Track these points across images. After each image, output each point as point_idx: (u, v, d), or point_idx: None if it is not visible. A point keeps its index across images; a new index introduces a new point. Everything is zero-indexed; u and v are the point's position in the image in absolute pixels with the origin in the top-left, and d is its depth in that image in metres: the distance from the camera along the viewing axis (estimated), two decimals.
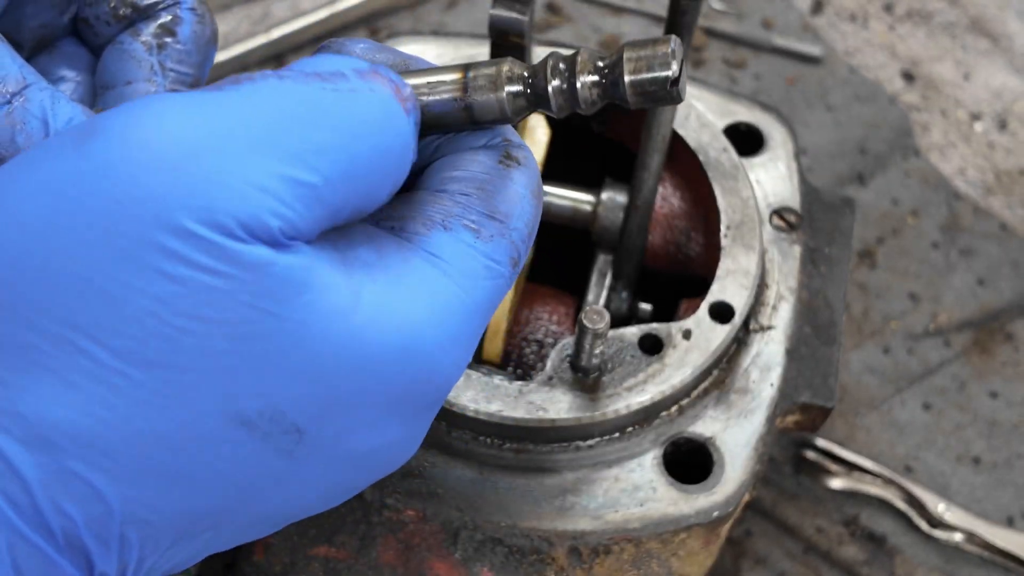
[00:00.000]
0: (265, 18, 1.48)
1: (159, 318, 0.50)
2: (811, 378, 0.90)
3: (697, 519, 0.82)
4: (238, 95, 0.52)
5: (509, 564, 0.82)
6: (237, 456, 0.53)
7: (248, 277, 0.50)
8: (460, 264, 0.57)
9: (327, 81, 0.54)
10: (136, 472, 0.51)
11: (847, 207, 1.00)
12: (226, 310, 0.50)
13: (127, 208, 0.49)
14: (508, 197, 0.60)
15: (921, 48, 1.51)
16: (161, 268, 0.49)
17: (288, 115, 0.52)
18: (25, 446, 0.50)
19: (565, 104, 0.60)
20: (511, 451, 0.84)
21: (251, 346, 0.51)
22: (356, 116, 0.54)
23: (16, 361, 0.50)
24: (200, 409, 0.51)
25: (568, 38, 1.46)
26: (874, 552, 1.14)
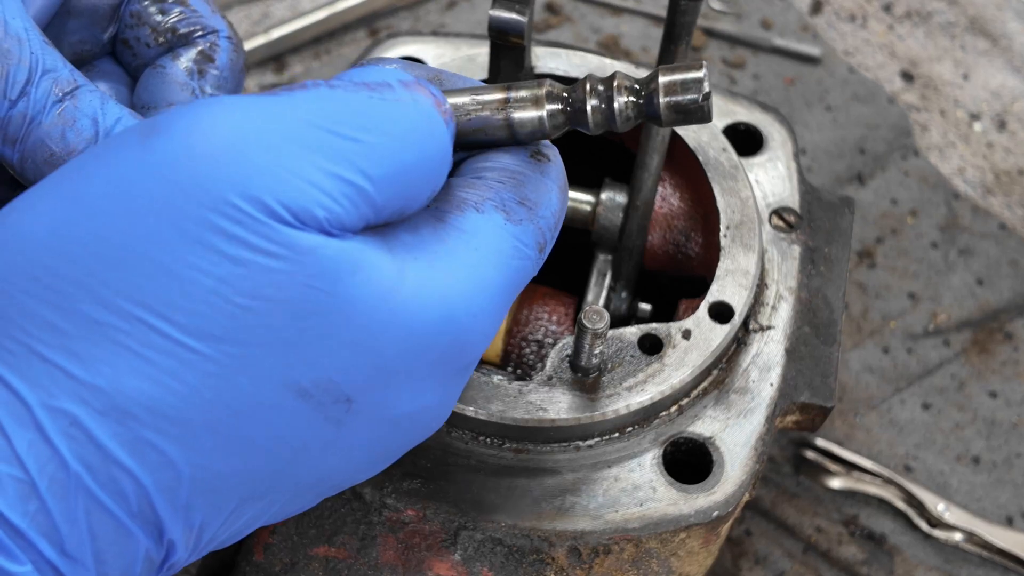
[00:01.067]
0: (264, 19, 1.48)
1: (224, 297, 0.54)
2: (810, 378, 0.90)
3: (697, 519, 0.82)
4: (291, 99, 0.56)
5: (509, 564, 0.82)
6: (292, 423, 0.57)
7: (304, 260, 0.54)
8: (491, 243, 0.62)
9: (374, 91, 0.58)
10: (203, 440, 0.55)
11: (846, 207, 1.01)
12: (285, 289, 0.54)
13: (191, 195, 0.53)
14: (537, 187, 0.65)
15: (920, 48, 1.51)
16: (225, 251, 0.53)
17: (338, 120, 0.56)
18: (102, 416, 0.53)
19: (603, 121, 0.65)
20: (511, 451, 0.84)
21: (307, 322, 0.55)
22: (400, 124, 0.58)
23: (93, 337, 0.53)
24: (261, 380, 0.55)
25: (567, 38, 1.46)
26: (873, 552, 1.14)
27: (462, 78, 0.68)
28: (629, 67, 1.00)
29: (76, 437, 0.53)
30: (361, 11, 1.47)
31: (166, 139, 0.54)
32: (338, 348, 0.56)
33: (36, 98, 0.63)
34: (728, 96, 1.04)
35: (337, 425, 0.58)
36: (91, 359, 0.53)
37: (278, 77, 1.43)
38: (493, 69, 0.92)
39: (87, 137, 0.64)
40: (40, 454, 0.53)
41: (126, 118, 0.65)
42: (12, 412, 0.53)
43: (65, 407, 0.53)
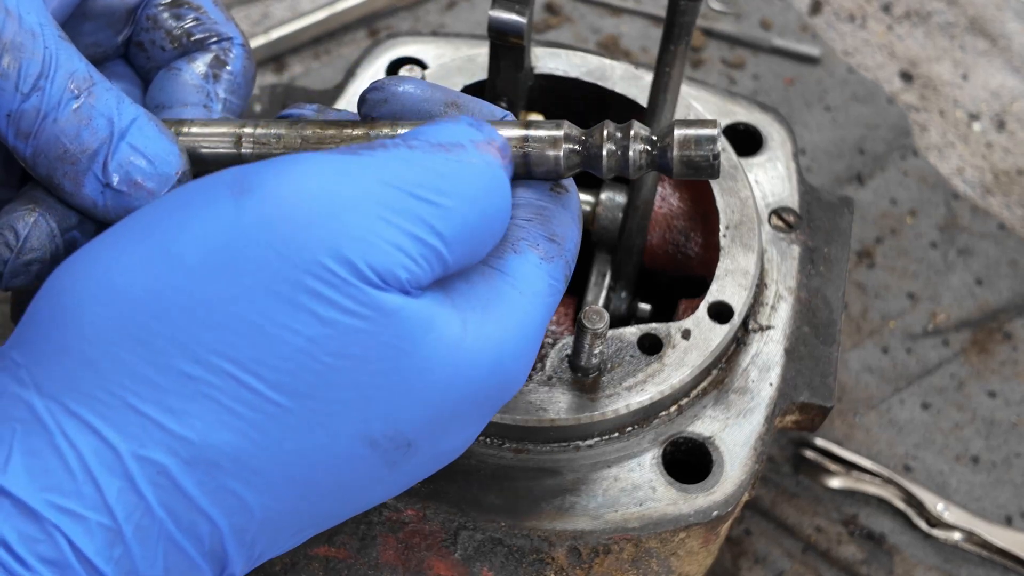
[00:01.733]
0: (264, 19, 1.48)
1: (312, 356, 0.56)
2: (810, 377, 0.90)
3: (696, 519, 0.82)
4: (374, 160, 0.59)
5: (509, 564, 0.82)
6: (357, 468, 0.60)
7: (388, 320, 0.57)
8: (531, 284, 0.64)
9: (451, 152, 0.61)
10: (278, 486, 0.58)
11: (846, 207, 1.01)
12: (369, 348, 0.57)
13: (286, 258, 0.56)
14: (562, 221, 0.67)
15: (919, 48, 1.51)
16: (316, 312, 0.56)
17: (419, 183, 0.59)
18: (189, 466, 0.56)
19: (615, 167, 0.67)
20: (511, 451, 0.84)
21: (386, 379, 0.58)
22: (474, 186, 0.61)
23: (186, 392, 0.56)
24: (339, 433, 0.58)
25: (567, 38, 1.46)
26: (873, 551, 1.14)
27: (480, 103, 0.70)
28: (629, 67, 1.00)
29: (163, 485, 0.56)
30: (361, 11, 1.47)
31: (259, 199, 0.57)
32: (410, 401, 0.59)
33: (51, 93, 0.63)
34: (727, 96, 1.04)
35: (393, 467, 0.61)
36: (183, 412, 0.56)
37: (278, 77, 1.43)
38: (493, 69, 0.92)
39: (102, 137, 0.64)
40: (128, 502, 0.55)
41: (142, 119, 0.66)
42: (104, 461, 0.55)
43: (155, 457, 0.56)
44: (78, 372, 0.56)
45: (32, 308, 0.59)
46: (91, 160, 0.64)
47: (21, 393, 0.56)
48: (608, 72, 1.00)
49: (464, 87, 0.98)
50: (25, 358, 0.57)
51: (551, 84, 1.00)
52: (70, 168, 0.65)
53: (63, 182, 0.65)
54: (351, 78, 1.02)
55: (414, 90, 0.69)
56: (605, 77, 1.00)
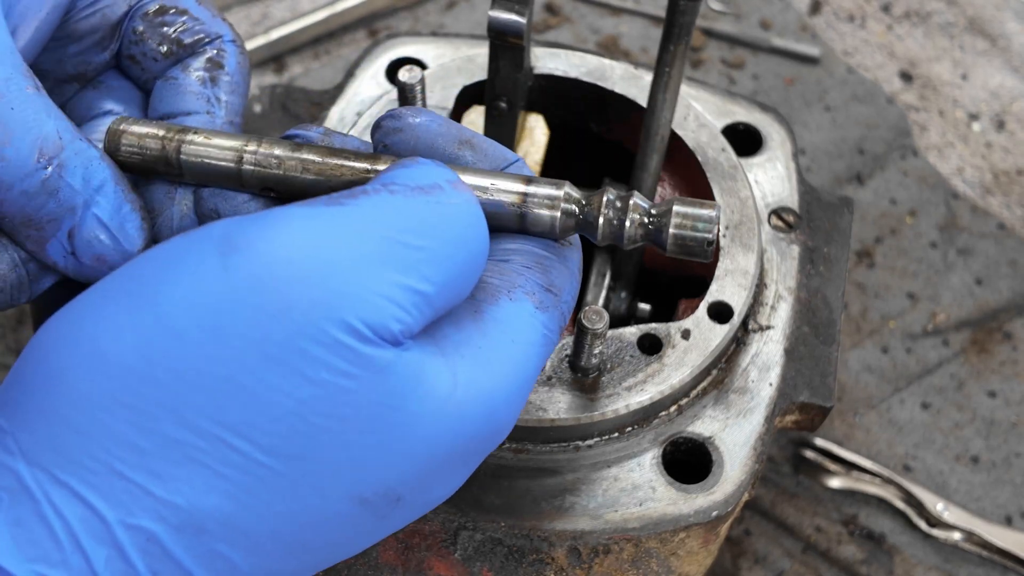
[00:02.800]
0: (264, 19, 1.48)
1: (302, 418, 0.55)
2: (810, 377, 0.90)
3: (696, 519, 0.82)
4: (358, 210, 0.58)
5: (509, 564, 0.82)
6: (348, 526, 0.59)
7: (378, 378, 0.56)
8: (525, 334, 0.63)
9: (430, 195, 0.60)
10: (267, 547, 0.57)
11: (845, 207, 1.01)
12: (360, 408, 0.56)
13: (275, 320, 0.55)
14: (561, 272, 0.67)
15: (919, 48, 1.51)
16: (305, 373, 0.55)
17: (403, 229, 0.58)
18: (178, 532, 0.55)
19: (609, 235, 0.67)
20: (510, 451, 0.84)
21: (377, 437, 0.57)
22: (455, 228, 0.60)
23: (173, 456, 0.55)
24: (330, 494, 0.57)
25: (567, 39, 1.47)
26: (873, 551, 1.14)
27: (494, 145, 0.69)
28: (628, 67, 1.00)
29: (152, 552, 0.55)
30: (360, 12, 1.47)
31: (247, 259, 0.56)
32: (401, 458, 0.58)
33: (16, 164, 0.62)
34: (727, 96, 1.04)
35: (383, 519, 0.61)
36: (171, 478, 0.55)
37: (278, 77, 1.43)
38: (492, 69, 0.92)
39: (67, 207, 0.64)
40: (116, 570, 0.55)
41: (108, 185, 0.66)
42: (91, 529, 0.55)
43: (143, 524, 0.55)
44: (65, 439, 0.55)
45: (17, 369, 0.58)
46: (56, 229, 0.65)
47: (7, 461, 0.55)
48: (608, 72, 1.00)
49: (464, 87, 0.98)
50: (11, 424, 0.56)
51: (551, 84, 1.00)
52: (34, 233, 0.65)
53: (25, 243, 0.66)
54: (351, 78, 1.02)
55: (430, 124, 0.68)
56: (605, 77, 1.00)
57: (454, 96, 0.97)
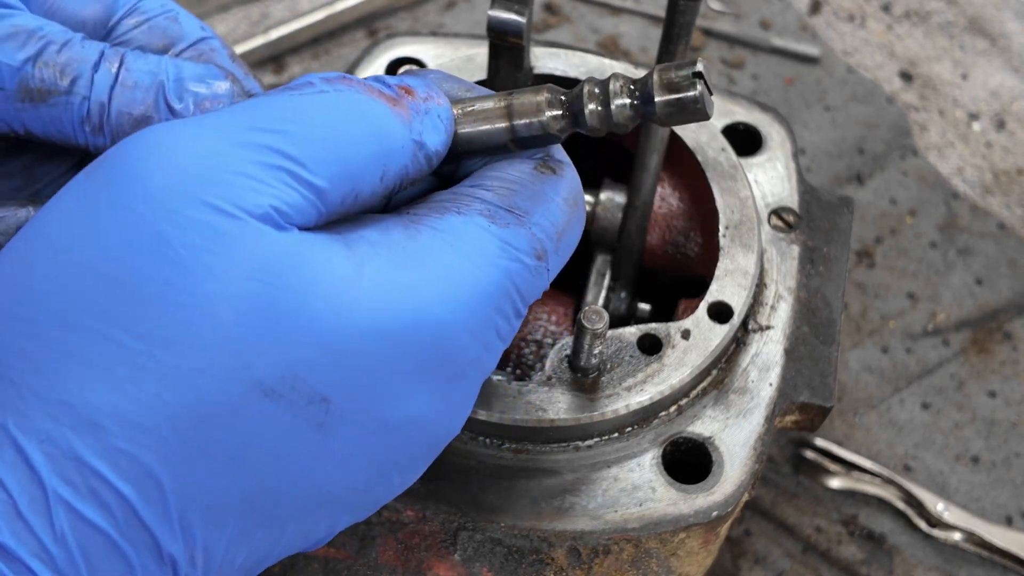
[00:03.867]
0: (264, 19, 1.48)
1: (168, 299, 0.55)
2: (810, 378, 0.90)
3: (696, 519, 0.82)
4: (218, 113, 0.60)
5: (508, 564, 0.82)
6: (269, 427, 0.57)
7: (242, 252, 0.56)
8: (470, 241, 0.61)
9: (295, 90, 0.61)
10: (178, 447, 0.55)
11: (845, 207, 1.01)
12: (227, 284, 0.55)
13: (131, 208, 0.56)
14: (533, 196, 0.65)
15: (919, 48, 1.51)
16: (165, 254, 0.55)
17: (262, 117, 0.59)
18: (74, 431, 0.54)
19: (600, 125, 0.65)
20: (510, 451, 0.84)
21: (255, 317, 0.56)
22: (324, 112, 0.60)
23: (57, 357, 0.55)
24: (220, 379, 0.55)
25: (566, 38, 1.46)
26: (873, 551, 1.14)
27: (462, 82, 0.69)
28: (628, 67, 1.00)
29: (51, 453, 0.54)
30: (360, 11, 1.47)
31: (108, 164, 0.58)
32: (293, 342, 0.56)
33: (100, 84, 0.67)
34: (727, 96, 1.04)
35: (320, 428, 0.58)
36: (56, 377, 0.55)
37: (277, 77, 1.43)
38: (492, 69, 0.92)
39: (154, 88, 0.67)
40: (19, 474, 0.54)
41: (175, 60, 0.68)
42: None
43: (37, 424, 0.55)
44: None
45: None
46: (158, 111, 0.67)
47: None
48: (607, 72, 1.00)
49: None
50: None
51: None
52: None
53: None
54: None
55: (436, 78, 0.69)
56: (605, 77, 0.99)
57: None
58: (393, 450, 0.61)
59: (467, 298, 0.60)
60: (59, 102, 0.67)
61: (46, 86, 0.66)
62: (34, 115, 0.67)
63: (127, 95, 0.67)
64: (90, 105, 0.67)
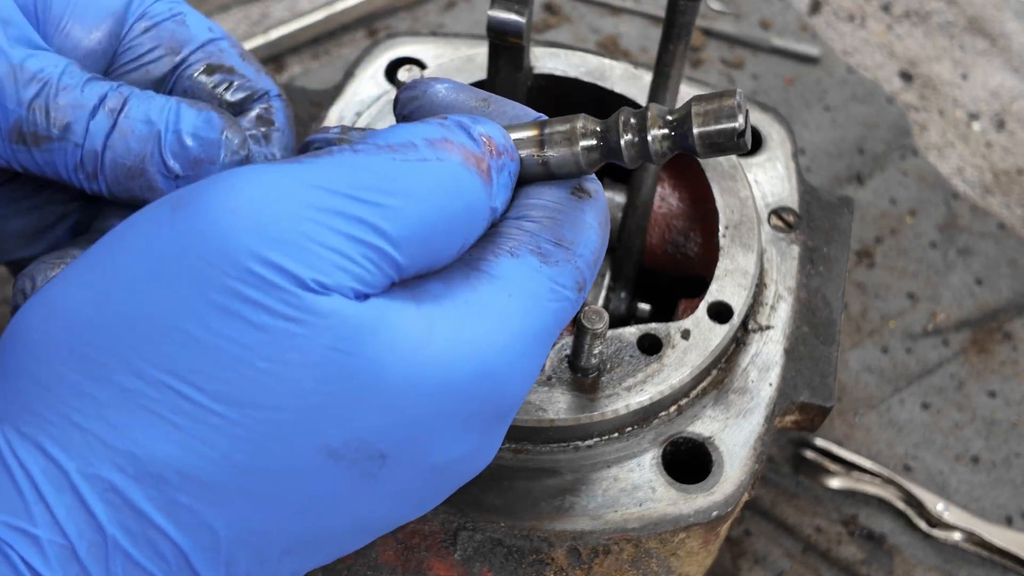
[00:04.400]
0: (264, 19, 1.48)
1: (248, 363, 0.55)
2: (810, 377, 0.90)
3: (696, 519, 0.82)
4: (315, 166, 0.58)
5: (508, 564, 0.82)
6: (326, 482, 0.58)
7: (325, 323, 0.55)
8: (525, 287, 0.62)
9: (397, 152, 0.59)
10: (238, 501, 0.56)
11: (845, 207, 1.01)
12: (308, 353, 0.55)
13: (216, 265, 0.55)
14: (575, 225, 0.65)
15: (919, 48, 1.51)
16: (247, 318, 0.55)
17: (358, 184, 0.57)
18: (137, 482, 0.55)
19: (637, 156, 0.64)
20: (510, 451, 0.84)
21: (334, 386, 0.56)
22: (424, 184, 0.59)
23: (127, 406, 0.55)
24: (291, 443, 0.56)
25: (566, 38, 1.46)
26: (873, 551, 1.14)
27: (511, 103, 0.68)
28: (628, 67, 1.00)
29: (113, 502, 0.55)
30: (360, 11, 1.47)
31: (193, 210, 0.56)
32: (367, 409, 0.57)
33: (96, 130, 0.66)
34: None
35: (372, 479, 0.59)
36: (125, 427, 0.55)
37: (277, 77, 1.43)
38: (492, 69, 0.92)
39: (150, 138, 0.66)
40: (79, 519, 0.55)
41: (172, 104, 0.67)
42: (51, 480, 0.55)
43: (102, 473, 0.55)
44: (28, 393, 0.56)
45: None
46: (152, 163, 0.66)
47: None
48: (607, 72, 1.00)
49: None
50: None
51: (550, 84, 1.00)
52: (141, 180, 0.67)
53: (143, 195, 0.67)
54: (350, 78, 1.02)
55: (445, 91, 0.68)
56: (604, 77, 1.00)
57: None
58: (436, 488, 0.63)
59: (522, 346, 0.61)
60: (52, 148, 0.66)
61: (39, 131, 0.66)
62: (28, 157, 0.67)
63: (122, 145, 0.66)
64: (83, 153, 0.66)
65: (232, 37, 0.76)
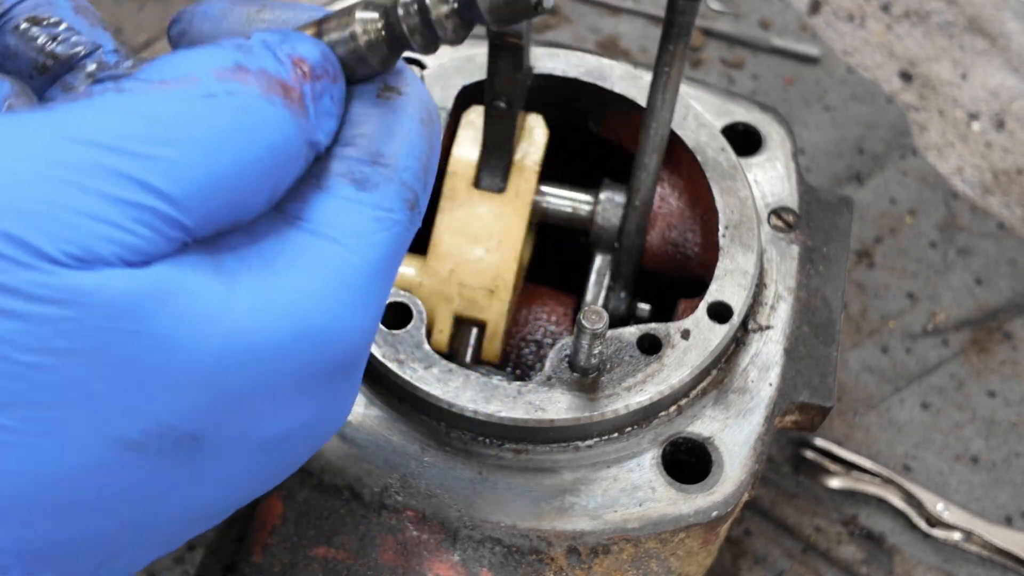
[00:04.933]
0: None
1: (5, 357, 0.46)
2: (809, 377, 0.90)
3: (696, 519, 0.82)
4: (68, 113, 0.48)
5: (508, 564, 0.82)
6: (133, 476, 0.50)
7: (92, 301, 0.47)
8: (343, 225, 0.54)
9: (174, 88, 0.50)
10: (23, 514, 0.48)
11: (845, 207, 1.01)
12: (79, 338, 0.47)
13: None
14: (390, 134, 0.56)
15: (919, 48, 1.51)
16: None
17: (124, 133, 0.48)
18: None
19: (426, 38, 0.56)
20: (510, 451, 0.84)
21: (116, 369, 0.48)
22: (210, 127, 0.50)
23: None
24: (75, 441, 0.48)
25: (566, 38, 1.46)
26: (873, 551, 1.14)
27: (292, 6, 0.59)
28: (628, 67, 1.00)
29: None
30: None
31: None
32: (161, 390, 0.49)
33: None
34: (727, 96, 1.04)
35: (191, 463, 0.52)
36: None
37: None
38: (491, 69, 0.92)
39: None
40: None
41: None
42: None
43: None
44: None
45: None
46: None
47: None
48: (607, 72, 1.00)
49: (463, 87, 0.98)
50: None
51: (550, 84, 1.00)
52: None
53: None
54: None
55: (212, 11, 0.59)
56: (604, 77, 1.00)
57: (453, 96, 0.97)
58: (274, 463, 0.56)
59: (349, 292, 0.53)
60: None
61: None
62: None
63: None
64: None
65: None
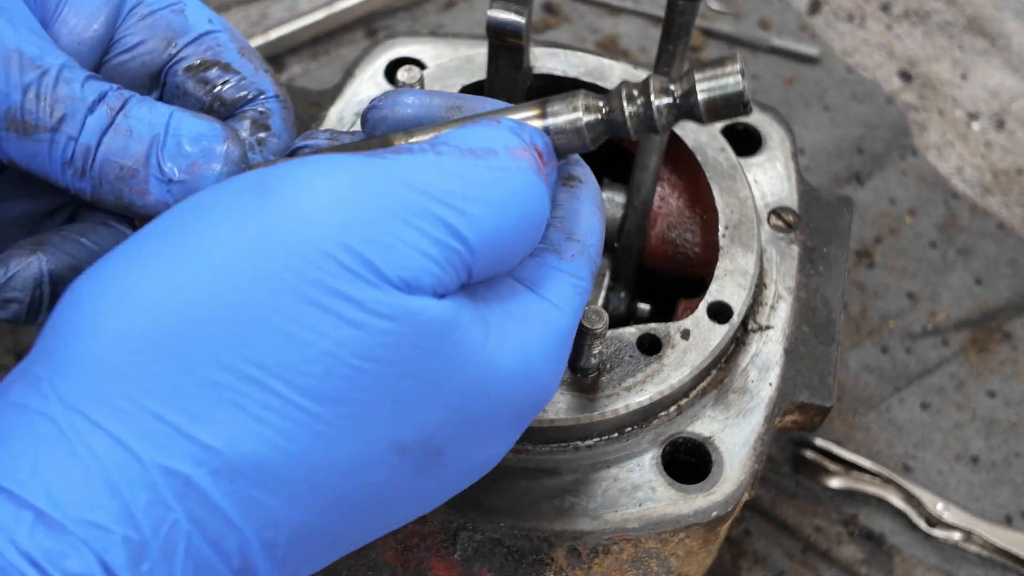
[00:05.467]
0: (263, 19, 1.48)
1: (339, 359, 0.55)
2: (809, 377, 0.90)
3: (696, 519, 0.82)
4: (399, 165, 0.58)
5: (508, 564, 0.82)
6: (390, 478, 0.59)
7: (414, 322, 0.56)
8: (556, 289, 0.64)
9: (480, 159, 0.60)
10: (305, 497, 0.56)
11: (845, 207, 1.01)
12: (396, 351, 0.56)
13: (309, 260, 0.55)
14: (578, 216, 0.66)
15: (918, 48, 1.51)
16: (341, 313, 0.55)
17: (446, 188, 0.58)
18: (215, 476, 0.54)
19: (641, 126, 0.65)
20: (510, 451, 0.84)
21: (414, 382, 0.57)
22: (504, 193, 0.60)
23: (211, 398, 0.54)
24: (369, 439, 0.57)
25: (566, 39, 1.46)
26: (872, 551, 1.14)
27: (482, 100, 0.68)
28: (628, 67, 1.00)
29: (190, 497, 0.54)
30: (359, 12, 1.47)
31: (281, 200, 0.56)
32: (437, 405, 0.58)
33: (92, 126, 0.64)
34: None
35: (425, 475, 0.60)
36: (210, 420, 0.54)
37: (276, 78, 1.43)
38: (491, 70, 0.92)
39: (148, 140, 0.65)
40: (155, 515, 0.53)
41: (176, 112, 0.66)
42: (127, 473, 0.53)
43: (181, 468, 0.54)
44: (100, 381, 0.54)
45: (52, 319, 0.57)
46: (146, 166, 0.65)
47: (43, 406, 0.54)
48: (607, 72, 1.00)
49: (462, 87, 0.98)
50: (46, 370, 0.55)
51: (550, 84, 1.00)
52: (133, 182, 0.65)
53: (133, 199, 0.66)
54: (349, 79, 1.02)
55: (413, 101, 0.68)
56: (604, 77, 1.00)
57: None
58: (460, 485, 0.64)
59: (555, 344, 0.63)
60: (44, 138, 0.64)
61: (32, 119, 0.63)
62: (17, 146, 0.64)
63: (119, 142, 0.65)
64: (76, 147, 0.64)
65: (234, 31, 0.73)
